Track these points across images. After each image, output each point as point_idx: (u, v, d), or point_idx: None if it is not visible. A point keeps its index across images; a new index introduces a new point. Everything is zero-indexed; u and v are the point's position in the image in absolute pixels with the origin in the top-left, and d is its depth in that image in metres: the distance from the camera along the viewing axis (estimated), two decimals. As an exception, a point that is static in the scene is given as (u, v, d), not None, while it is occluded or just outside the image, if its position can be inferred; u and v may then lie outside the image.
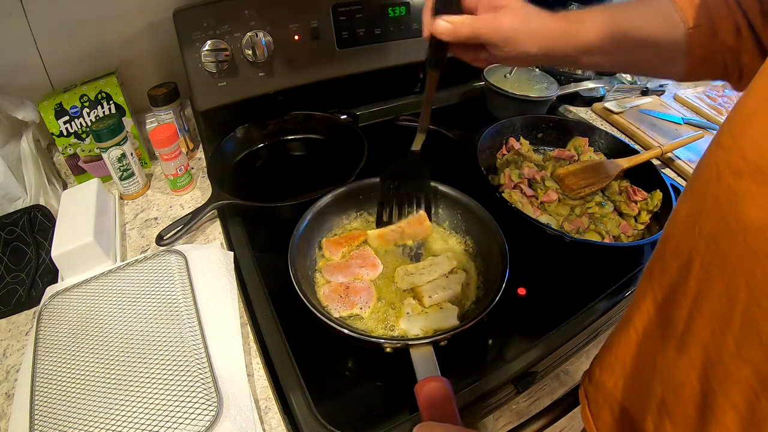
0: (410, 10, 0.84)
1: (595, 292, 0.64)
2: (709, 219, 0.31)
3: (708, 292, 0.31)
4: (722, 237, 0.29)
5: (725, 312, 0.29)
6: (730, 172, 0.29)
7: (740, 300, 0.28)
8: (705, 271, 0.31)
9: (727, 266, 0.29)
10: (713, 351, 0.31)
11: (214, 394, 0.47)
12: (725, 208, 0.29)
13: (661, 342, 0.36)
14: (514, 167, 0.79)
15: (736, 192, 0.28)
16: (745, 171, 0.28)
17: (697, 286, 0.32)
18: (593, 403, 0.48)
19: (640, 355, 0.40)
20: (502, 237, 0.60)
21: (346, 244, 0.64)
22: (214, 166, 0.76)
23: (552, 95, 0.96)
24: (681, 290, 0.33)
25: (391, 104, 0.98)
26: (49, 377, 0.49)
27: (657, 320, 0.37)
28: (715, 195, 0.30)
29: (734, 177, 0.28)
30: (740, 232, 0.28)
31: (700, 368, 0.32)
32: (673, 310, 0.35)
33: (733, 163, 0.29)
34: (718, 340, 0.30)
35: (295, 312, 0.56)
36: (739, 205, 0.28)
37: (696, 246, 0.32)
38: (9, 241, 0.67)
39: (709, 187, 0.31)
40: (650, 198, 0.74)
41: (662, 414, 0.37)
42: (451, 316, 0.55)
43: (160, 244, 0.64)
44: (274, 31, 0.75)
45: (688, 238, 0.33)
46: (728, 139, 0.30)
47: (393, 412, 0.49)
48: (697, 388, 0.32)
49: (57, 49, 0.74)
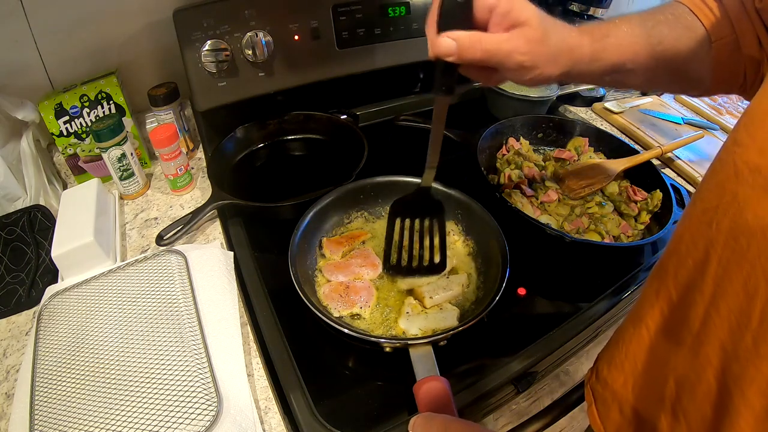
0: (410, 10, 0.84)
1: (595, 292, 0.64)
2: (727, 215, 0.31)
3: (726, 289, 0.31)
4: (741, 233, 0.29)
5: (743, 309, 0.29)
6: (749, 169, 0.29)
7: (759, 297, 0.28)
8: (723, 268, 0.31)
9: (745, 263, 0.29)
10: (730, 349, 0.31)
11: (214, 394, 0.47)
12: (744, 205, 0.29)
13: (676, 340, 0.36)
14: (514, 167, 0.79)
15: (755, 188, 0.28)
16: (764, 167, 0.28)
17: (715, 284, 0.32)
18: (600, 401, 0.48)
19: (653, 353, 0.40)
20: (502, 237, 0.60)
21: (346, 244, 0.64)
22: (214, 166, 0.76)
23: (552, 95, 0.96)
24: (698, 288, 0.33)
25: (391, 104, 0.98)
26: (49, 377, 0.49)
27: (671, 319, 0.37)
28: (734, 191, 0.30)
29: (753, 174, 0.29)
30: (759, 229, 0.28)
31: (716, 366, 0.32)
32: (689, 308, 0.34)
33: (752, 160, 0.29)
34: (735, 338, 0.30)
35: (295, 312, 0.56)
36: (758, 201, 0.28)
37: (713, 243, 0.32)
38: (9, 241, 0.67)
39: (727, 184, 0.31)
40: (650, 198, 0.74)
41: (677, 413, 0.36)
42: (451, 316, 0.55)
43: (160, 244, 0.64)
44: (274, 31, 0.75)
45: (704, 235, 0.33)
46: (746, 136, 0.30)
47: (393, 411, 0.49)
48: (714, 386, 0.32)
49: (57, 49, 0.74)
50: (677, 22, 0.45)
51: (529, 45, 0.39)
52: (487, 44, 0.38)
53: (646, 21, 0.45)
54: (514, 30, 0.39)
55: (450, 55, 0.38)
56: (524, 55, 0.39)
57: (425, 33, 0.40)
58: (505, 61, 0.40)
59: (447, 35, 0.38)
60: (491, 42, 0.39)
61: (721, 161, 0.33)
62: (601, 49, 0.43)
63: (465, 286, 0.60)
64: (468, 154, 0.78)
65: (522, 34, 0.39)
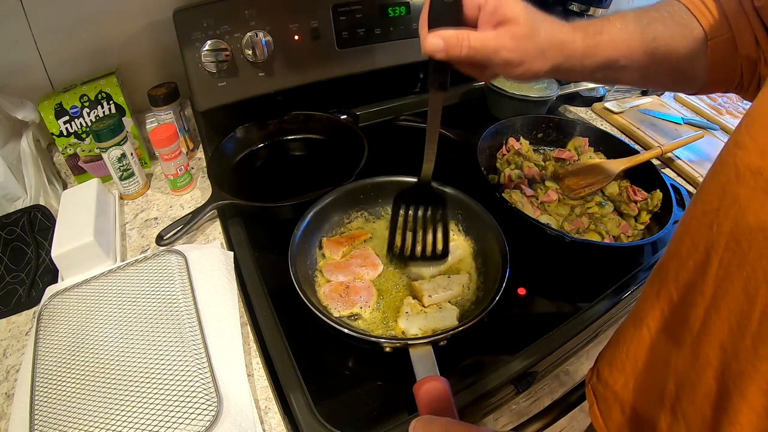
0: (410, 10, 0.84)
1: (595, 292, 0.64)
2: (728, 217, 0.31)
3: (726, 291, 0.31)
4: (742, 235, 0.30)
5: (743, 310, 0.29)
6: (750, 171, 0.29)
7: (759, 298, 0.28)
8: (723, 270, 0.31)
9: (746, 264, 0.29)
10: (730, 349, 0.31)
11: (214, 394, 0.47)
12: (745, 207, 0.29)
13: (676, 341, 0.36)
14: (514, 167, 0.79)
15: (756, 190, 0.28)
16: (765, 170, 0.28)
17: (715, 285, 0.32)
18: (602, 401, 0.48)
19: (654, 354, 0.40)
20: (502, 237, 0.60)
21: (346, 244, 0.64)
22: (214, 166, 0.76)
23: (552, 95, 0.96)
24: (698, 289, 0.34)
25: (391, 104, 0.98)
26: (49, 377, 0.49)
27: (672, 319, 0.37)
28: (735, 193, 0.30)
29: (754, 176, 0.29)
30: (760, 231, 0.28)
31: (716, 367, 0.32)
32: (690, 309, 0.35)
33: (753, 162, 0.29)
34: (735, 339, 0.30)
35: (295, 312, 0.56)
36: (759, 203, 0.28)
37: (714, 244, 0.32)
38: (9, 241, 0.67)
39: (728, 186, 0.31)
40: (650, 198, 0.74)
41: (676, 413, 0.37)
42: (450, 316, 0.55)
43: (160, 244, 0.64)
44: (274, 31, 0.75)
45: (705, 236, 0.33)
46: (747, 138, 0.30)
47: (393, 411, 0.49)
48: (714, 387, 0.32)
49: (57, 49, 0.74)
50: (673, 19, 0.45)
51: (516, 41, 0.40)
52: (474, 42, 0.39)
53: (641, 18, 0.45)
54: (501, 27, 0.40)
55: (438, 52, 0.39)
56: (511, 52, 0.40)
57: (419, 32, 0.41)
58: (492, 58, 0.40)
59: (435, 34, 0.39)
60: (477, 39, 0.39)
61: (722, 163, 0.33)
62: (594, 45, 0.44)
63: (465, 286, 0.60)
64: (468, 154, 0.78)
65: (508, 31, 0.40)
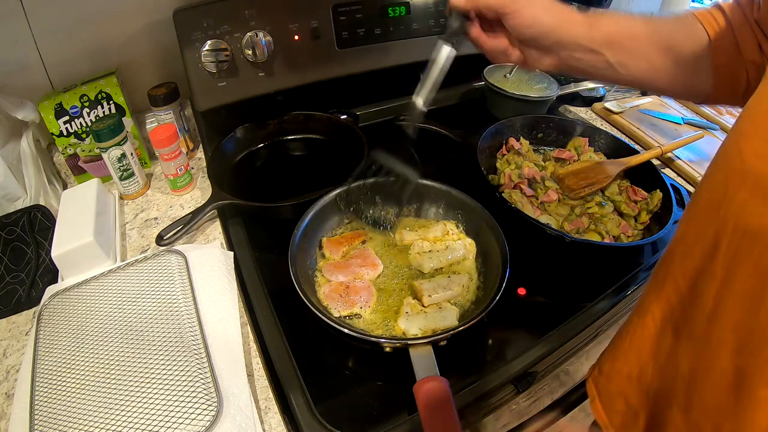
0: (410, 10, 0.84)
1: (595, 292, 0.64)
2: (735, 199, 0.32)
3: (737, 271, 0.32)
4: (751, 215, 0.30)
5: (755, 290, 0.30)
6: (755, 155, 0.30)
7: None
8: (732, 251, 0.32)
9: (756, 244, 0.30)
10: (746, 329, 0.31)
11: (214, 394, 0.47)
12: (753, 188, 0.30)
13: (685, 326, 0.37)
14: (514, 167, 0.79)
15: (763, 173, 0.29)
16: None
17: (726, 266, 0.33)
18: (604, 394, 0.48)
19: (659, 342, 0.41)
20: (502, 237, 0.60)
21: (346, 244, 0.64)
22: (214, 166, 0.76)
23: (552, 95, 0.96)
24: (708, 272, 0.34)
25: (391, 104, 0.98)
26: (49, 377, 0.49)
27: (679, 306, 0.38)
28: (741, 176, 0.31)
29: (759, 159, 0.30)
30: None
31: (732, 348, 0.32)
32: (700, 293, 0.35)
33: (758, 146, 0.30)
34: (750, 318, 0.31)
35: (295, 312, 0.56)
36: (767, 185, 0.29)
37: (722, 227, 0.33)
38: (9, 241, 0.67)
39: (733, 171, 0.32)
40: (650, 198, 0.74)
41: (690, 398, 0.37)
42: (450, 316, 0.55)
43: (160, 244, 0.64)
44: (274, 31, 0.75)
45: (712, 220, 0.34)
46: (750, 125, 0.32)
47: (392, 412, 0.49)
48: (729, 368, 0.33)
49: (57, 49, 0.74)
50: (678, 21, 0.47)
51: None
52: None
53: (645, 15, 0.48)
54: None
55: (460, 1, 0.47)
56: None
57: None
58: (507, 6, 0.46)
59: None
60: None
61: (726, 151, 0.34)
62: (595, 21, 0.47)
63: (465, 286, 0.60)
64: (468, 154, 0.78)
65: None
